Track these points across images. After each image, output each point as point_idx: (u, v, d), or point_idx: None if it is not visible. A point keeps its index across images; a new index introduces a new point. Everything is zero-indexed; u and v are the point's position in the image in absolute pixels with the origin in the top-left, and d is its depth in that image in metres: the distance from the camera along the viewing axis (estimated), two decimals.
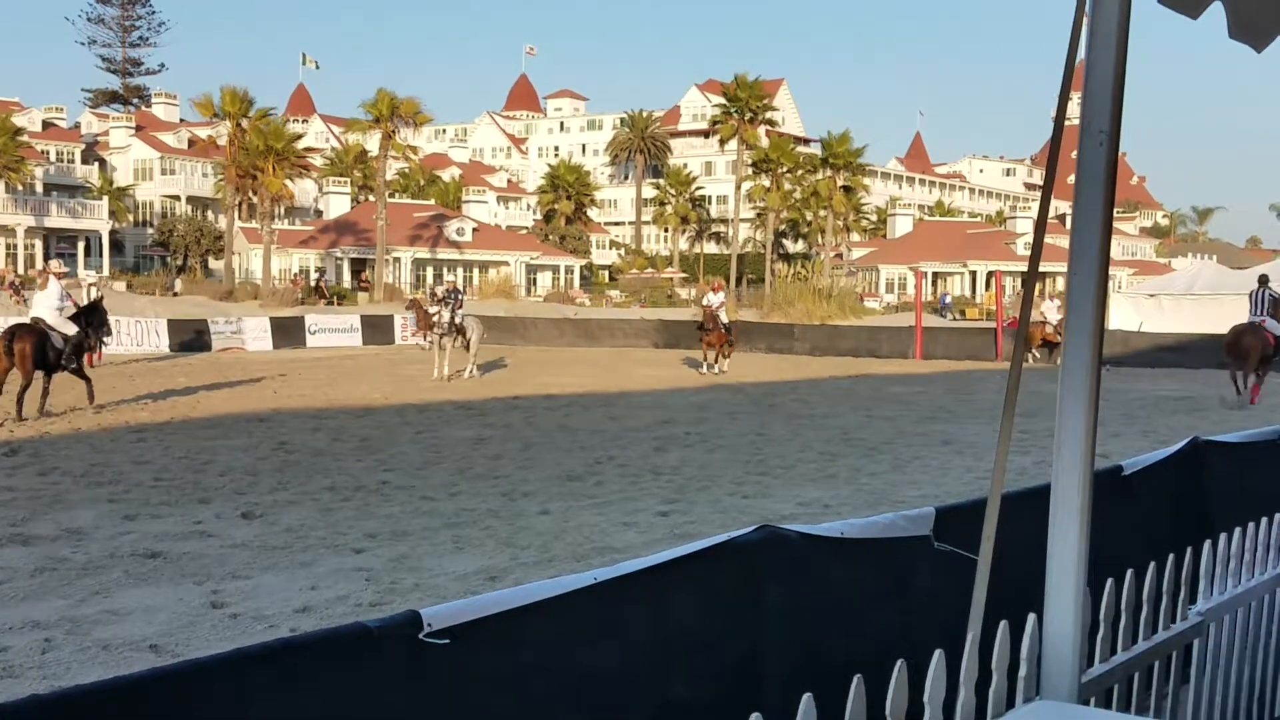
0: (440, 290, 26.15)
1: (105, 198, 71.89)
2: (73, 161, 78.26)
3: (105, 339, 19.42)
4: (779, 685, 2.95)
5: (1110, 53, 2.56)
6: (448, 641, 2.31)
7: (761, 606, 3.06)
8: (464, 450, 13.30)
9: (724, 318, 26.61)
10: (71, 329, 16.67)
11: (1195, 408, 18.90)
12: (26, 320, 16.78)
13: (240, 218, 66.99)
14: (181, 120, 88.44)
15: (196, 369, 26.15)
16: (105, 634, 6.06)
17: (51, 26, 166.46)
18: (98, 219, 69.62)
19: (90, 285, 29.24)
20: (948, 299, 68.47)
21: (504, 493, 10.45)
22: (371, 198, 72.21)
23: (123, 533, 8.55)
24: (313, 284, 62.64)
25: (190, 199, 79.51)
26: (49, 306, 16.63)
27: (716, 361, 26.67)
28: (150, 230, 77.27)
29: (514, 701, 2.49)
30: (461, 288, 28.06)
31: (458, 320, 24.79)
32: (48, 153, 76.03)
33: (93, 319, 17.43)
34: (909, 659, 2.47)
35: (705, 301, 27.85)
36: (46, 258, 67.28)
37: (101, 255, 69.10)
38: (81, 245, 69.29)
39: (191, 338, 34.72)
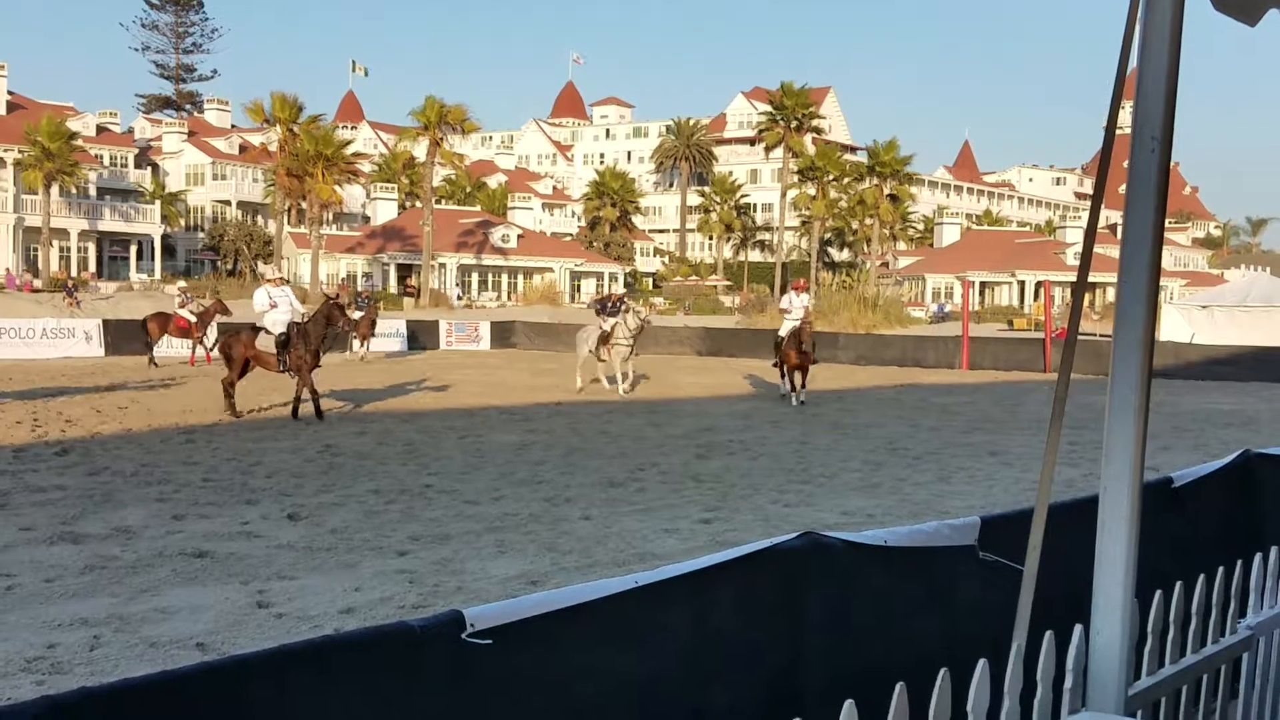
0: (609, 301, 23.60)
1: (157, 202, 72.92)
2: (125, 166, 79.42)
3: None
4: (820, 693, 2.93)
5: (1163, 58, 2.54)
6: (490, 642, 2.32)
7: (803, 614, 3.04)
8: (507, 455, 13.35)
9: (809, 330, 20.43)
10: (278, 331, 16.93)
11: (1248, 421, 18.59)
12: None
13: (289, 223, 67.75)
14: (233, 126, 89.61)
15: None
16: (152, 632, 6.14)
17: (106, 32, 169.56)
18: (150, 223, 70.64)
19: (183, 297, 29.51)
20: (945, 308, 67.89)
21: (546, 498, 10.47)
22: (418, 204, 72.75)
23: (171, 532, 8.66)
24: (351, 297, 62.76)
25: (241, 204, 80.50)
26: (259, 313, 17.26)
27: (796, 389, 20.49)
28: (201, 235, 78.30)
29: (555, 703, 2.49)
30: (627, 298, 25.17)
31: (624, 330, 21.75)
32: (101, 157, 77.15)
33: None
34: (952, 669, 2.45)
35: (785, 305, 21.52)
36: (99, 261, 68.52)
37: (153, 259, 70.11)
38: (134, 249, 70.38)
39: None
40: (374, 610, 6.60)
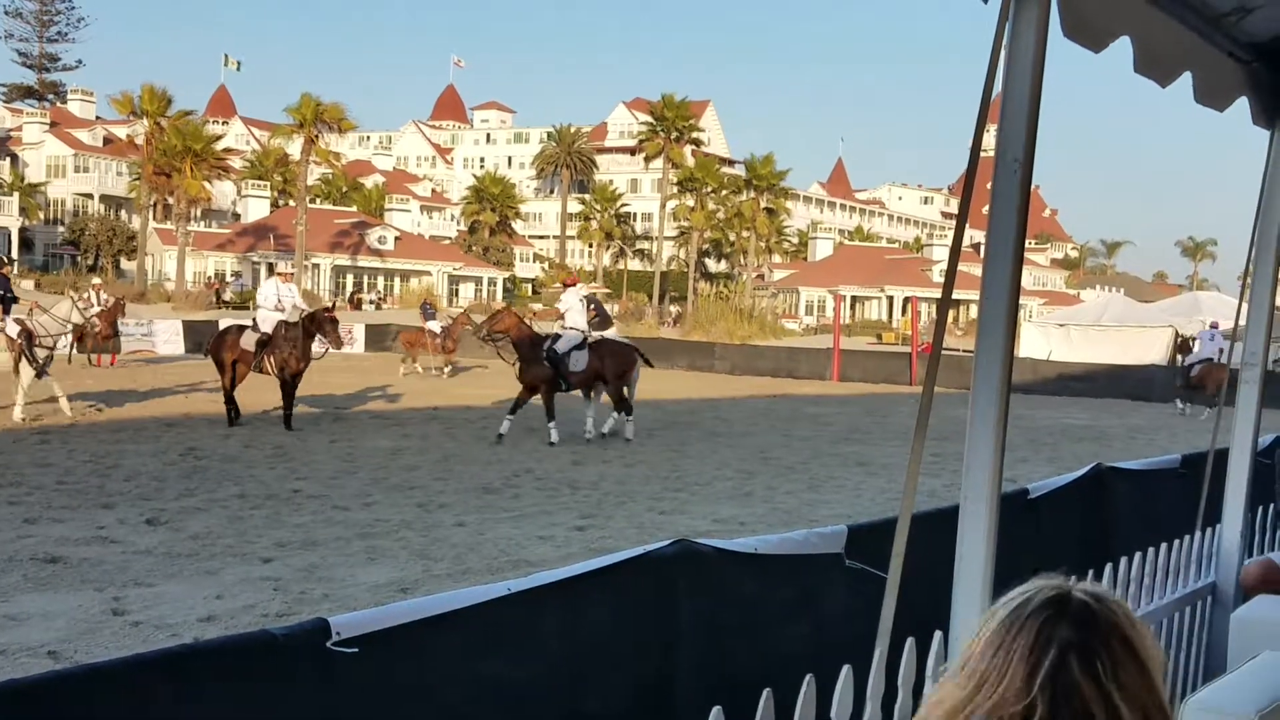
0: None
1: (15, 194, 69.94)
2: None
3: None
4: (690, 698, 2.96)
5: (1026, 84, 2.64)
6: (356, 650, 2.29)
7: (676, 620, 3.07)
8: (380, 460, 13.15)
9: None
10: (266, 329, 16.12)
11: (1100, 435, 19.38)
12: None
13: (155, 218, 65.66)
14: (98, 118, 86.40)
15: (104, 372, 25.49)
16: (2, 639, 5.89)
17: None
18: (7, 216, 67.70)
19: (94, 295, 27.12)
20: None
21: (419, 504, 10.34)
22: (292, 202, 71.24)
23: (22, 536, 8.31)
24: (217, 296, 60.92)
25: (104, 198, 77.64)
26: (262, 304, 16.58)
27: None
28: (61, 229, 75.30)
29: (425, 711, 2.47)
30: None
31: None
32: None
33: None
34: (820, 674, 2.50)
35: (566, 304, 16.68)
36: None
37: (10, 253, 67.11)
38: None
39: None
40: (236, 618, 6.43)
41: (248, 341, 16.16)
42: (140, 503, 9.84)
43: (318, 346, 16.19)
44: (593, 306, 17.24)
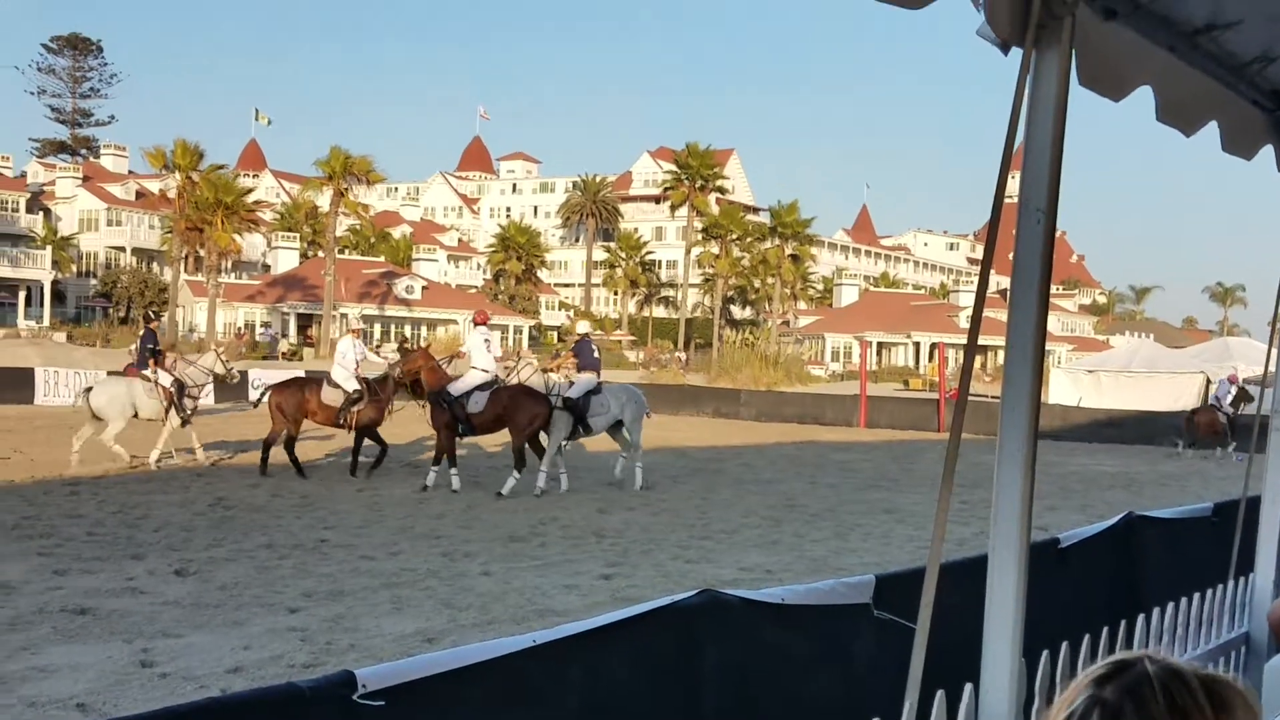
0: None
1: (49, 247, 70.89)
2: (17, 211, 77.18)
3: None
4: None
5: (1048, 132, 2.64)
6: (382, 703, 2.28)
7: (701, 671, 3.05)
8: (407, 509, 13.16)
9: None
10: (352, 386, 16.28)
11: (1130, 483, 19.17)
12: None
13: (186, 270, 66.36)
14: (130, 172, 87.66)
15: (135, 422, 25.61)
16: (31, 691, 5.90)
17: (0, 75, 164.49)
18: (40, 269, 68.58)
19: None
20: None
21: (445, 552, 10.33)
22: (321, 253, 71.91)
23: (52, 588, 8.35)
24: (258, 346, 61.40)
25: (136, 250, 78.62)
26: (340, 363, 16.67)
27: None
28: (94, 281, 76.21)
29: None
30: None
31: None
32: None
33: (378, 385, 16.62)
34: None
35: (469, 345, 16.24)
36: None
37: (43, 305, 67.98)
38: (22, 295, 68.13)
39: None
40: (263, 670, 6.42)
41: (330, 397, 16.33)
42: (169, 553, 9.88)
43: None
44: (573, 350, 16.72)
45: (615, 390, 16.58)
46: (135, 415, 16.74)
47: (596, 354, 16.42)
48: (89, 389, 17.04)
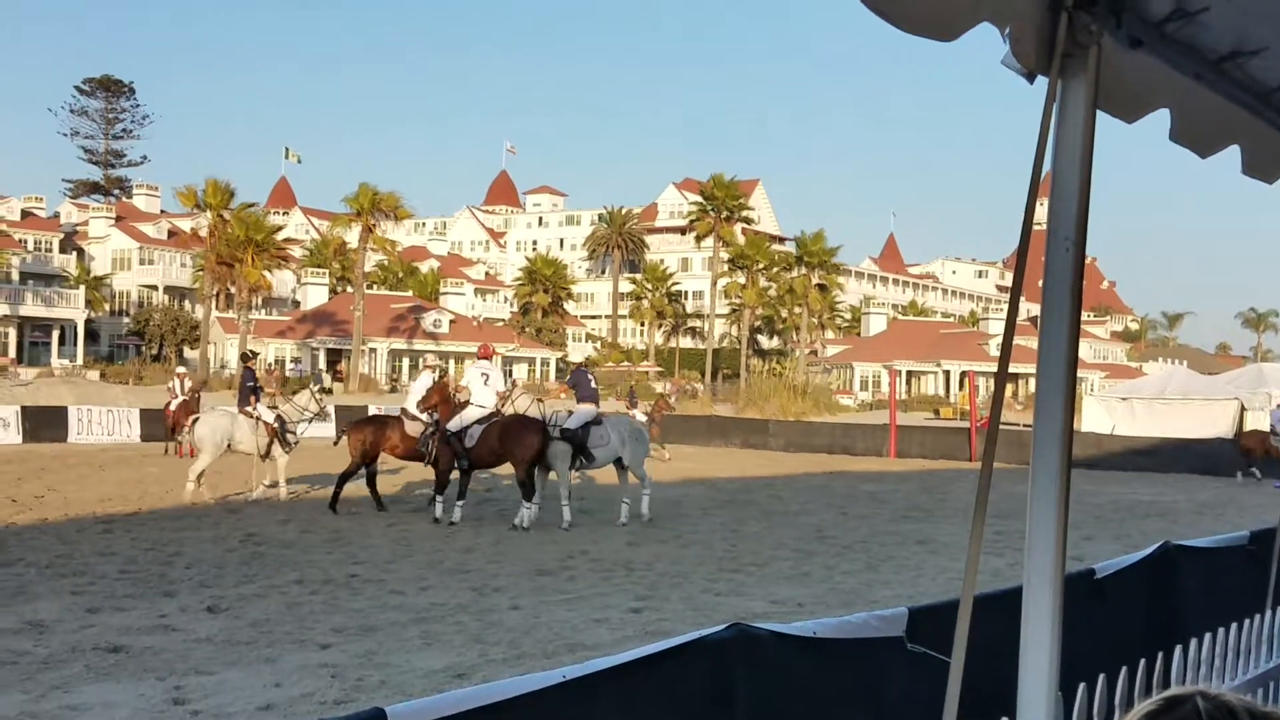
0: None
1: (82, 287, 71.73)
2: (50, 251, 78.28)
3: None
4: None
5: (1076, 161, 2.63)
6: None
7: (732, 706, 3.03)
8: (435, 543, 13.17)
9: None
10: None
11: (1166, 511, 18.95)
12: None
13: (217, 307, 66.95)
14: (162, 211, 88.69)
15: (170, 459, 25.87)
16: None
17: (33, 116, 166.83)
18: (73, 308, 69.37)
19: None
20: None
21: (474, 587, 10.32)
22: (349, 289, 72.44)
23: (86, 626, 8.39)
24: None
25: (168, 289, 79.49)
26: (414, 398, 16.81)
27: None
28: (126, 319, 77.03)
29: None
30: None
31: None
32: (25, 242, 76.04)
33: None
34: None
35: (468, 379, 16.88)
36: (20, 346, 67.02)
37: (76, 344, 68.72)
38: (56, 334, 68.92)
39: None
40: (294, 707, 6.42)
41: (413, 429, 16.40)
42: (201, 590, 9.92)
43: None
44: (570, 381, 16.84)
45: (616, 423, 16.56)
46: (229, 448, 17.49)
47: (594, 384, 16.41)
48: (196, 419, 18.16)
